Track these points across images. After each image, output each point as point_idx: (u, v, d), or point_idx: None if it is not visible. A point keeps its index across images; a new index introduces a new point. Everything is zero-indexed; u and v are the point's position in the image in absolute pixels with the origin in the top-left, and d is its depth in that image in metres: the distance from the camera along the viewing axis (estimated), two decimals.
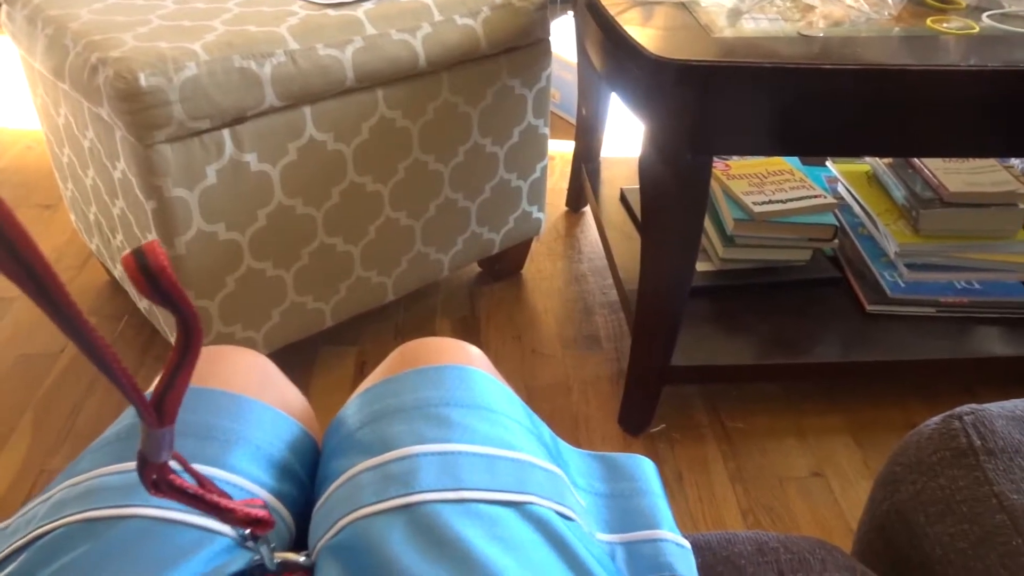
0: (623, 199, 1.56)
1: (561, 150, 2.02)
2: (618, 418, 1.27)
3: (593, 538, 0.43)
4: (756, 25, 0.99)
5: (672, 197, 1.02)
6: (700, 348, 1.22)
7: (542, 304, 1.52)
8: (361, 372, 1.34)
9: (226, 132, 1.00)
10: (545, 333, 1.45)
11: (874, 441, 1.25)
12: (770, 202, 1.31)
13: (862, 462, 1.21)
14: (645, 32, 0.96)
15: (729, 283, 1.33)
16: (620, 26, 0.98)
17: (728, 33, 0.96)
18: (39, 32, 1.06)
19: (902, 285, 1.30)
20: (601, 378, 1.35)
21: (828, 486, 1.17)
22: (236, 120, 1.00)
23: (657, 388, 1.21)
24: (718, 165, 1.41)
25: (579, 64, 1.62)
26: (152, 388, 0.29)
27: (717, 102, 0.92)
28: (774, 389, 1.34)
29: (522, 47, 1.25)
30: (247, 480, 0.43)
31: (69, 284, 1.52)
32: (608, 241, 1.44)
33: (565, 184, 1.85)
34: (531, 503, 0.39)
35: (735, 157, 1.45)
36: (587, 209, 1.81)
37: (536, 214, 1.46)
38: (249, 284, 1.12)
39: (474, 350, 0.51)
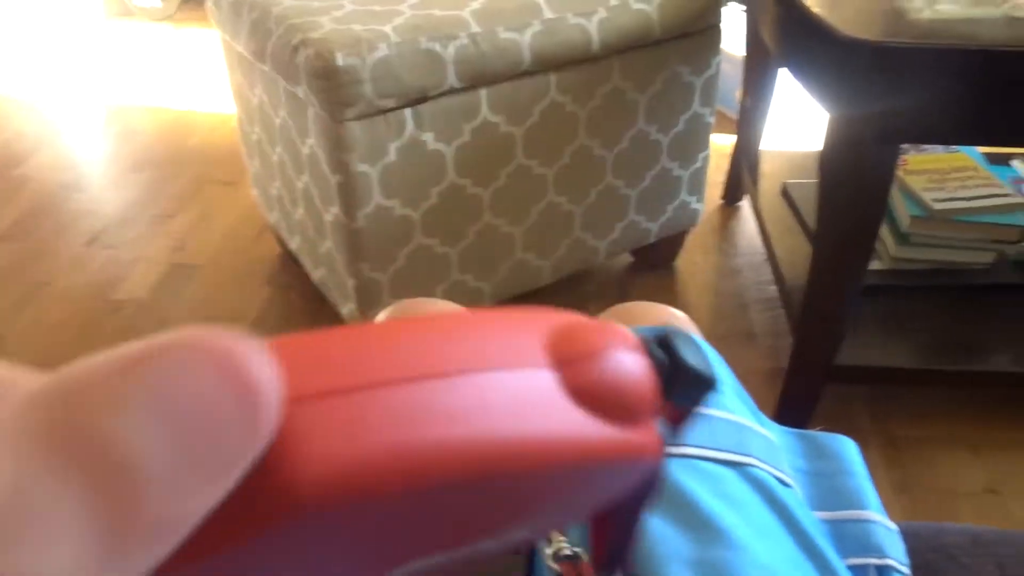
0: (785, 193, 1.51)
1: (715, 142, 1.97)
2: (775, 415, 1.23)
3: (808, 507, 0.42)
4: (956, 7, 0.94)
5: (854, 188, 0.98)
6: (866, 348, 1.17)
7: (695, 297, 1.50)
8: None
9: (408, 111, 1.05)
10: (697, 326, 1.42)
11: None
12: (952, 199, 1.23)
13: None
14: (834, 11, 0.92)
15: (900, 283, 1.27)
16: (806, 5, 0.95)
17: (926, 14, 0.92)
18: (244, 17, 1.15)
19: None
20: (755, 373, 1.32)
21: (1004, 505, 1.10)
22: (418, 100, 1.05)
23: (819, 387, 1.17)
24: None
25: (747, 52, 1.58)
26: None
27: (912, 88, 0.88)
28: (945, 397, 1.26)
29: (693, 33, 1.23)
30: None
31: (244, 254, 1.64)
32: (768, 235, 1.40)
33: (719, 177, 1.80)
34: (752, 465, 0.39)
35: (912, 151, 1.38)
36: (742, 203, 1.77)
37: (694, 205, 1.44)
38: (418, 259, 1.17)
39: (681, 314, 0.51)
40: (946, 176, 1.30)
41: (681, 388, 0.16)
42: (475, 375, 0.13)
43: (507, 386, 0.13)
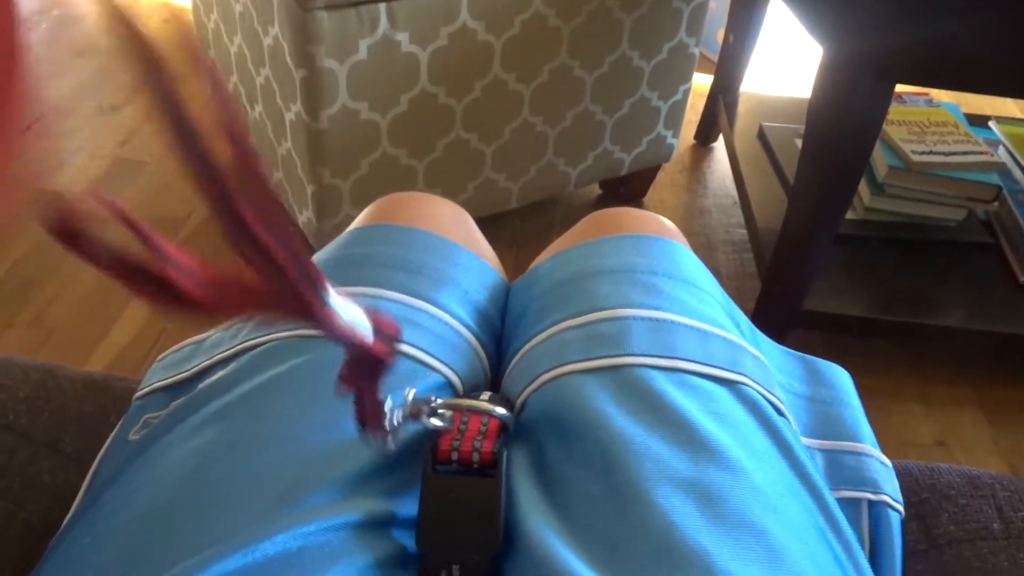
0: (761, 136, 1.47)
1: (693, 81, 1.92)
2: None
3: (803, 433, 0.39)
4: None
5: (842, 130, 0.95)
6: (831, 296, 1.16)
7: None
8: None
9: (383, 7, 0.97)
10: None
11: (1006, 419, 1.17)
12: (930, 152, 1.22)
13: (991, 439, 1.14)
14: None
15: (870, 234, 1.25)
16: None
17: None
18: None
19: None
20: None
21: (952, 458, 1.11)
22: None
23: (782, 332, 1.16)
24: None
25: None
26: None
27: (913, 23, 0.84)
28: (903, 351, 1.27)
29: None
30: (455, 320, 0.41)
31: None
32: (742, 177, 1.37)
33: (694, 117, 1.76)
34: (744, 384, 0.36)
35: (895, 103, 1.35)
36: (716, 144, 1.73)
37: (670, 139, 1.40)
38: (382, 170, 1.11)
39: (672, 225, 0.48)
40: (926, 129, 1.28)
41: None
42: None
43: None
